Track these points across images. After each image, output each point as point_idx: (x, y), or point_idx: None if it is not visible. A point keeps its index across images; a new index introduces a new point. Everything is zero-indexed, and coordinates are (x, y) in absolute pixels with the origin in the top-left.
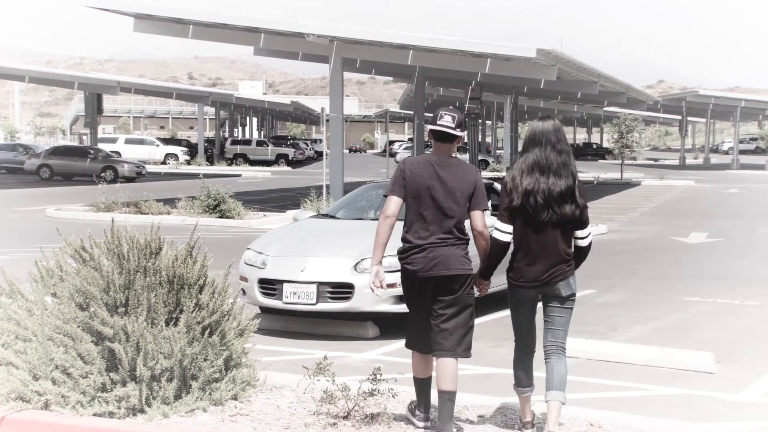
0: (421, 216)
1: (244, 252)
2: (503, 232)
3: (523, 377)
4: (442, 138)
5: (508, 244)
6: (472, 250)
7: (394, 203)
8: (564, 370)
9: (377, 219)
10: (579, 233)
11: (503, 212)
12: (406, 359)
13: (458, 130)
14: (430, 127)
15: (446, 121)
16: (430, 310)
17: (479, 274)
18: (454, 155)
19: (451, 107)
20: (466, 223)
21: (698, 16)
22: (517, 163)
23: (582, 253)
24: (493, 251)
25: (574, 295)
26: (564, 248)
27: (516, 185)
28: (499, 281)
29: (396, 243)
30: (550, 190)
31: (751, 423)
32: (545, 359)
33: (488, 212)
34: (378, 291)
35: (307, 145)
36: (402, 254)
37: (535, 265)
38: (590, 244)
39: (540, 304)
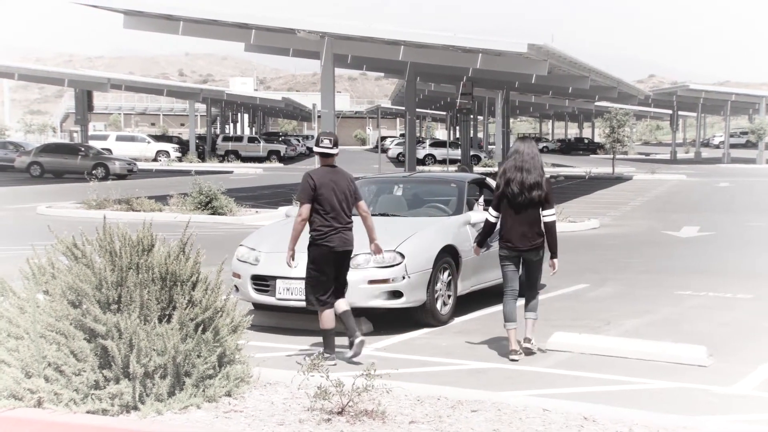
0: (330, 210)
1: (237, 248)
2: (492, 216)
3: (509, 314)
4: (325, 155)
5: (494, 224)
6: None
7: (306, 208)
8: (537, 302)
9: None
10: (545, 212)
11: (495, 200)
12: (399, 355)
13: (335, 148)
14: (314, 148)
15: (325, 144)
16: (335, 274)
17: (477, 244)
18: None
19: (327, 131)
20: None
21: (689, 11)
22: (504, 164)
23: (549, 228)
24: (486, 228)
25: (542, 258)
26: (536, 227)
27: (502, 179)
28: (491, 276)
29: (388, 239)
30: (524, 181)
31: (744, 415)
32: (526, 297)
33: (482, 207)
34: (292, 263)
35: (299, 142)
36: (320, 236)
37: (519, 238)
38: (554, 221)
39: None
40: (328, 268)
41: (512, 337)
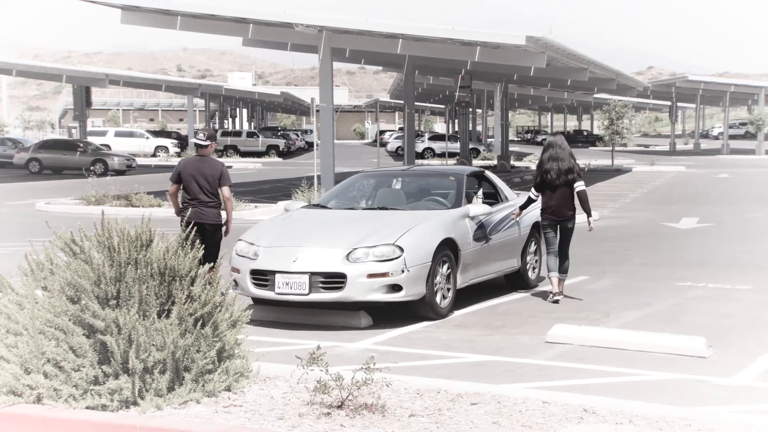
0: (192, 190)
1: (236, 243)
2: (533, 193)
3: (551, 265)
4: (198, 146)
5: (534, 200)
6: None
7: (174, 186)
8: (567, 263)
9: (369, 209)
10: (577, 185)
11: (534, 182)
12: (399, 348)
13: (208, 140)
14: (191, 139)
15: (200, 137)
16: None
17: (519, 209)
18: (211, 156)
19: (206, 128)
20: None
21: (687, 2)
22: (542, 156)
23: (582, 196)
24: (527, 202)
25: (573, 227)
26: (570, 201)
27: (542, 168)
28: (491, 269)
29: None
30: (560, 168)
31: (744, 406)
32: (559, 259)
33: (481, 200)
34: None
35: (298, 136)
36: (182, 210)
37: (556, 210)
38: (585, 190)
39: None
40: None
41: (554, 282)
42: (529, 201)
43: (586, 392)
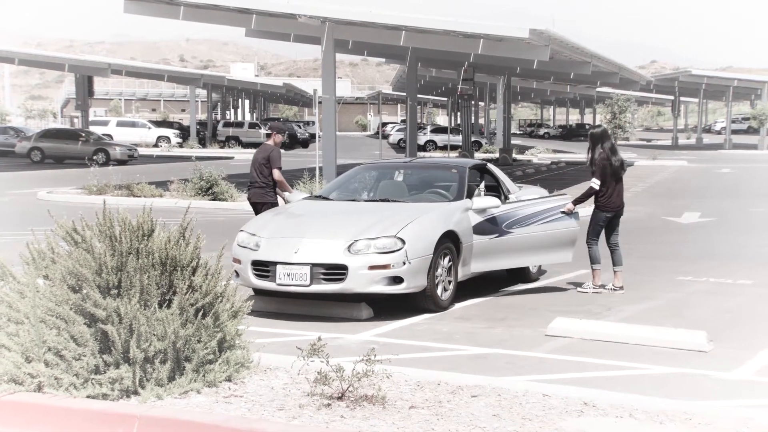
0: (251, 174)
1: (237, 234)
2: (596, 183)
3: (594, 258)
4: (267, 135)
5: (597, 190)
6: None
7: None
8: (621, 254)
9: (371, 201)
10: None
11: (596, 173)
12: (399, 340)
13: (269, 131)
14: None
15: (267, 126)
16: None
17: (573, 203)
18: (270, 143)
19: (278, 119)
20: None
21: None
22: (604, 148)
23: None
24: (589, 192)
25: None
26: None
27: (608, 159)
28: (492, 262)
29: (388, 225)
30: (621, 158)
31: (745, 401)
32: (612, 252)
33: (483, 193)
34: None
35: (300, 128)
36: (247, 190)
37: (620, 201)
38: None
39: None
40: (254, 210)
41: (597, 275)
42: (590, 192)
43: (587, 385)
